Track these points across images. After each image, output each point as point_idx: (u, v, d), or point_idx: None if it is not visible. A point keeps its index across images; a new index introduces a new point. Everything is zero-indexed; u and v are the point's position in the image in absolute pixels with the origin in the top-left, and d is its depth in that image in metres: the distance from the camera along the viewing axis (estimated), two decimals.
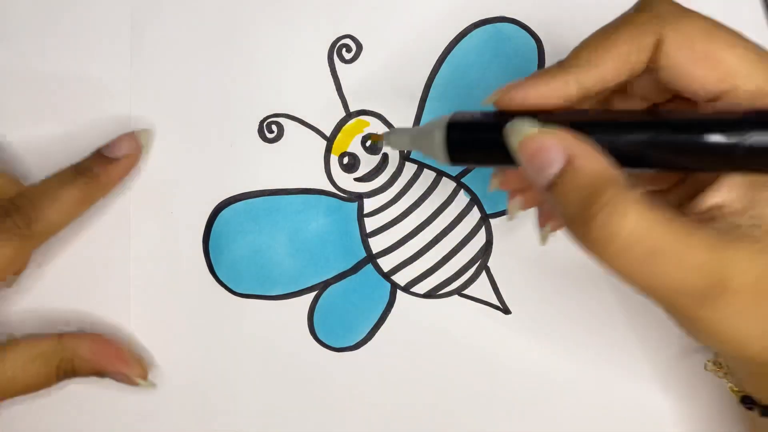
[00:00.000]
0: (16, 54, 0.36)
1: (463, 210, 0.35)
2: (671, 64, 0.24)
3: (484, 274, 0.35)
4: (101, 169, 0.33)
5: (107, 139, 0.35)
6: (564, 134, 0.23)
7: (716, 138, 0.21)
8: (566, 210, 0.22)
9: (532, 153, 0.23)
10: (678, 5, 0.24)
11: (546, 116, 0.24)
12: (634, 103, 0.27)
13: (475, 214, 0.35)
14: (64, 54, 0.36)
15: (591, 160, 0.22)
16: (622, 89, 0.27)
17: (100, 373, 0.34)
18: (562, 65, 0.25)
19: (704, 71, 0.23)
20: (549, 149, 0.23)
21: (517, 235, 0.35)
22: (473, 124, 0.26)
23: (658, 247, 0.21)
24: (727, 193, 0.23)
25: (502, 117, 0.25)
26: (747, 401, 0.29)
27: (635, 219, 0.21)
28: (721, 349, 0.26)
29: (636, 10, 0.25)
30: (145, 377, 0.35)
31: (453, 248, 0.35)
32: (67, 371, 0.33)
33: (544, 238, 0.29)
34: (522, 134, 0.23)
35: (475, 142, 0.26)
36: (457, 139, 0.26)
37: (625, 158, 0.23)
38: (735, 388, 0.30)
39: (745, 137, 0.21)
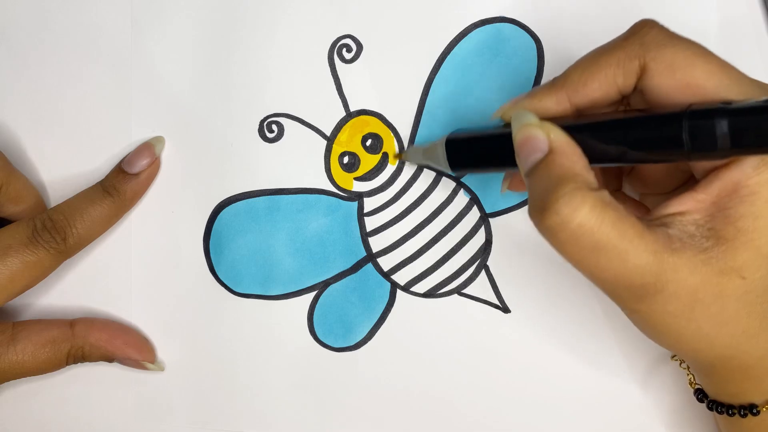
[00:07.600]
0: (17, 54, 0.36)
1: (462, 209, 0.35)
2: (655, 89, 0.25)
3: (483, 273, 0.35)
4: (126, 186, 0.34)
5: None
6: (553, 129, 0.25)
7: (666, 131, 0.24)
8: (532, 196, 0.25)
9: (522, 140, 0.26)
10: (666, 32, 0.25)
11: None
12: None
13: (474, 214, 0.35)
14: (64, 54, 0.36)
15: (565, 157, 0.25)
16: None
17: (110, 359, 0.35)
18: (555, 83, 0.27)
19: (686, 97, 0.25)
20: (536, 139, 0.25)
21: (517, 235, 0.35)
22: (467, 139, 0.31)
23: (603, 242, 0.23)
24: (692, 202, 0.25)
25: (492, 133, 0.29)
26: (699, 393, 0.30)
27: (586, 214, 0.23)
28: (660, 343, 0.28)
29: (625, 37, 0.26)
30: (153, 361, 0.36)
31: (453, 247, 0.35)
32: (77, 357, 0.34)
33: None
34: (521, 122, 0.26)
35: (469, 153, 0.31)
36: (454, 152, 0.31)
37: (605, 156, 0.25)
38: (692, 382, 0.31)
39: (684, 126, 0.23)
